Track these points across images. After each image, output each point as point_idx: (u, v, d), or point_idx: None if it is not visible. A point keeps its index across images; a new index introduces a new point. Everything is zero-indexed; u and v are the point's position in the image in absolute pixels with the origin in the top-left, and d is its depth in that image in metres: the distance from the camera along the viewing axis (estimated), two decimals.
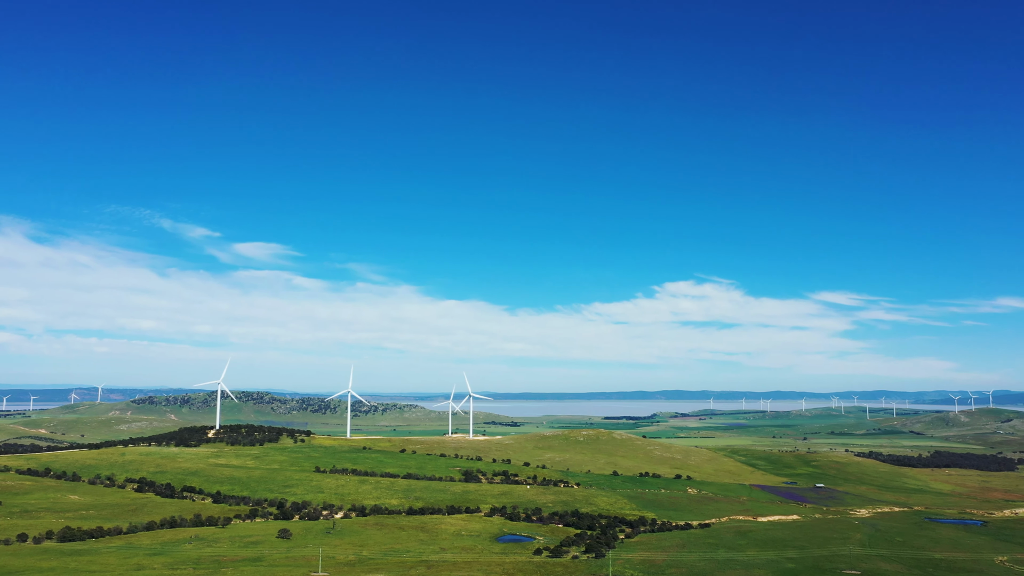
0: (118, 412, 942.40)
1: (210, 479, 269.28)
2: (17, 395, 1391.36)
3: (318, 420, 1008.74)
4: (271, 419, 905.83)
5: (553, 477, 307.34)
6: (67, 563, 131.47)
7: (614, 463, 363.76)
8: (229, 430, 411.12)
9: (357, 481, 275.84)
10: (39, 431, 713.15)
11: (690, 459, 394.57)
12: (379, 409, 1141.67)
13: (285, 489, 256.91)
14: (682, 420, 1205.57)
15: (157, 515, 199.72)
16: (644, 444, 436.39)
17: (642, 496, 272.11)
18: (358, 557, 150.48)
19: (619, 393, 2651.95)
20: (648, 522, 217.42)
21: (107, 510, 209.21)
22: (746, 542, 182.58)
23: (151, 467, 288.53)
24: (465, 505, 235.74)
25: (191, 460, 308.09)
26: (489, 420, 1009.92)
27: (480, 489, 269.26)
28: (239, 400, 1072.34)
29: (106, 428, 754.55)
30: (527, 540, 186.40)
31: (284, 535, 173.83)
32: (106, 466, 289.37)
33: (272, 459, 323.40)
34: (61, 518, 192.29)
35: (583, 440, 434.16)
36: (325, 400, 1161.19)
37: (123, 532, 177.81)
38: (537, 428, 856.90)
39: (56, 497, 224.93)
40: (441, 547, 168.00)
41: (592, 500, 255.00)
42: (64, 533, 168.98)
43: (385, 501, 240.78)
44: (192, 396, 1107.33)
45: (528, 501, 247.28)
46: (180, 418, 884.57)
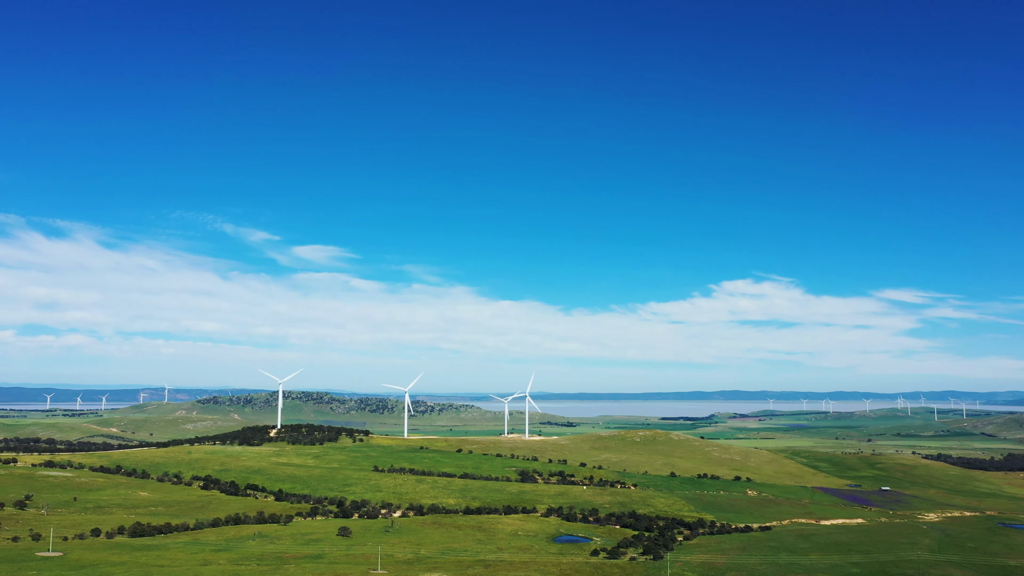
0: (184, 412, 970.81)
1: (272, 477, 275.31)
2: (89, 395, 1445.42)
3: (376, 420, 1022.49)
4: (330, 419, 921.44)
5: (610, 478, 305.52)
6: (137, 557, 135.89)
7: (671, 464, 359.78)
8: (290, 429, 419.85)
9: (415, 480, 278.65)
10: (111, 430, 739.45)
11: (749, 460, 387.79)
12: (435, 409, 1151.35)
13: (344, 488, 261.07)
14: (741, 421, 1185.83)
15: (222, 512, 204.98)
16: (702, 445, 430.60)
17: (700, 498, 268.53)
18: (416, 556, 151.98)
19: (676, 393, 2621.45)
20: (707, 524, 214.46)
21: (175, 507, 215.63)
22: (809, 546, 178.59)
23: (216, 465, 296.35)
24: (521, 505, 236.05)
25: (254, 459, 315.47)
26: (544, 420, 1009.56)
27: (536, 489, 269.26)
28: (299, 400, 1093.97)
29: (173, 427, 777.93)
30: (584, 541, 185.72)
31: (344, 533, 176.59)
32: (173, 464, 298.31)
33: (332, 458, 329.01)
34: (132, 514, 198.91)
35: (640, 441, 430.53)
36: (383, 400, 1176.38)
37: (190, 528, 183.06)
38: (593, 428, 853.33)
39: (127, 494, 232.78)
40: (498, 547, 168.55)
41: (649, 501, 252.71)
42: (135, 528, 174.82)
43: (442, 500, 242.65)
44: (254, 396, 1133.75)
45: (584, 502, 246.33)
46: (243, 417, 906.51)
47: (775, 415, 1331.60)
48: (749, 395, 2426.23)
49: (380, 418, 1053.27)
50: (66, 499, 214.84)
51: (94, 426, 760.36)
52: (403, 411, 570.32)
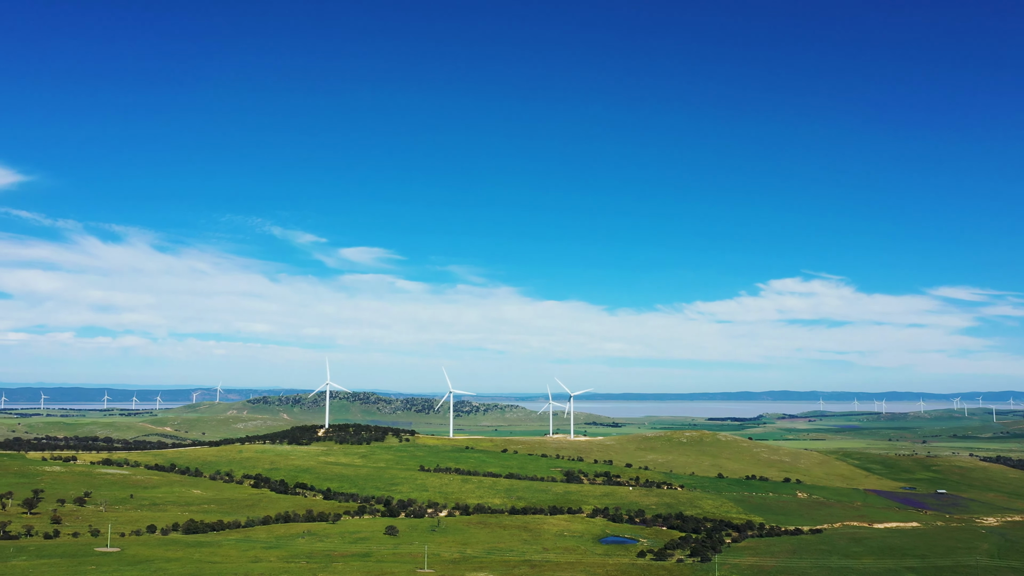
0: (235, 411, 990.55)
1: (320, 476, 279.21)
2: (144, 395, 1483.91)
3: (421, 420, 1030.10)
4: (377, 419, 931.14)
5: (656, 479, 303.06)
6: (191, 554, 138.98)
7: (719, 465, 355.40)
8: (338, 429, 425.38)
9: (460, 480, 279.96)
10: (165, 429, 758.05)
11: (799, 462, 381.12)
12: (481, 409, 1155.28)
13: (391, 487, 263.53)
14: (790, 422, 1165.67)
15: (272, 510, 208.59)
16: (750, 446, 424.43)
17: (749, 499, 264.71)
18: (462, 555, 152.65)
19: (723, 394, 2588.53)
20: (756, 526, 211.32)
21: (226, 504, 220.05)
22: (862, 549, 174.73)
23: (266, 464, 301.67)
24: (567, 506, 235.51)
25: (303, 458, 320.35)
26: (590, 421, 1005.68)
27: (582, 490, 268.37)
28: (347, 400, 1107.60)
29: (224, 426, 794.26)
30: (630, 542, 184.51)
31: (391, 532, 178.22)
32: (225, 463, 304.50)
33: (378, 457, 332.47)
34: (186, 511, 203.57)
35: (686, 441, 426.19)
36: (428, 400, 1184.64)
37: (241, 526, 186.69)
38: (639, 429, 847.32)
39: (181, 491, 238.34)
40: (544, 547, 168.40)
41: (697, 503, 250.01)
42: (188, 525, 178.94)
43: (488, 500, 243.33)
44: (303, 396, 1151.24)
45: (631, 503, 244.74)
46: (292, 417, 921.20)
47: (825, 416, 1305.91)
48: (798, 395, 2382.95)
49: (426, 418, 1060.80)
50: (123, 496, 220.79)
51: (149, 425, 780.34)
52: (448, 411, 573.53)
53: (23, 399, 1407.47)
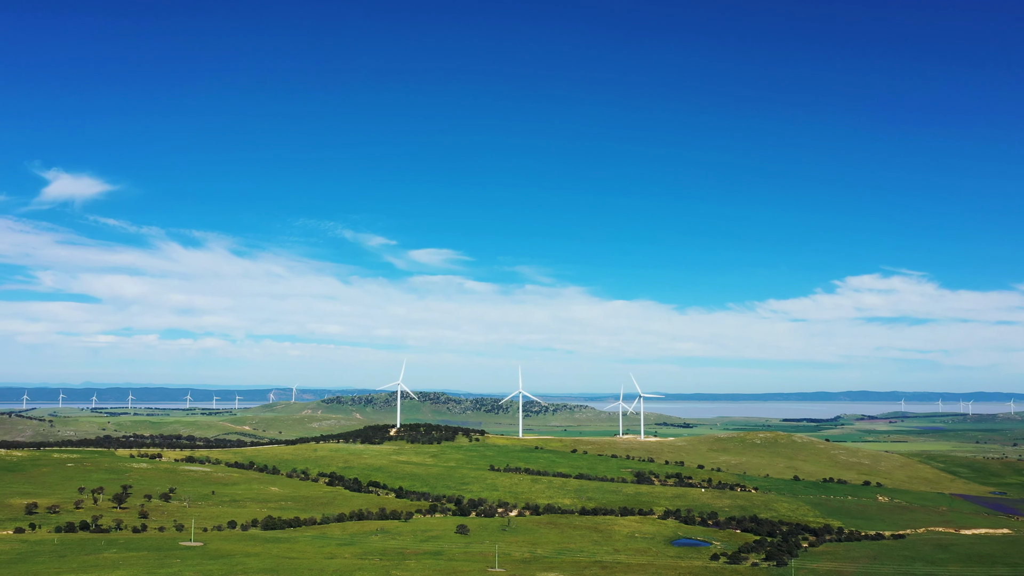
0: (310, 411, 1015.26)
1: (393, 475, 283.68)
2: (224, 395, 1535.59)
3: (491, 420, 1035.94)
4: (447, 418, 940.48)
5: (729, 480, 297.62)
6: (269, 549, 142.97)
7: (794, 467, 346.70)
8: (409, 428, 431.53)
9: (530, 480, 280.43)
10: (243, 428, 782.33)
11: (880, 465, 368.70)
12: (550, 409, 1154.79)
13: (462, 486, 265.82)
14: (869, 423, 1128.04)
15: (346, 508, 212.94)
16: (827, 448, 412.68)
17: (826, 503, 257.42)
18: (533, 555, 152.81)
19: (798, 394, 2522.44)
20: (834, 531, 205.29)
21: (302, 502, 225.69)
22: (948, 556, 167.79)
23: (340, 462, 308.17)
24: (638, 507, 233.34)
25: (375, 456, 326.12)
26: (660, 421, 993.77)
27: (653, 491, 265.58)
28: (417, 400, 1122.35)
29: (300, 426, 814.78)
30: (703, 545, 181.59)
31: (462, 531, 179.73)
32: (301, 461, 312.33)
33: (449, 457, 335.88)
34: (264, 508, 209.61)
35: (760, 443, 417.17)
36: (497, 400, 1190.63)
37: (316, 523, 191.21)
38: (710, 430, 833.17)
39: (259, 488, 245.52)
40: (614, 548, 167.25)
41: (771, 505, 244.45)
42: (267, 522, 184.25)
43: (558, 500, 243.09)
44: (375, 396, 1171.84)
45: (703, 504, 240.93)
46: (364, 417, 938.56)
47: (907, 417, 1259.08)
48: (878, 396, 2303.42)
49: (495, 418, 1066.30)
50: (205, 492, 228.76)
51: (228, 424, 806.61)
52: (518, 411, 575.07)
53: (112, 399, 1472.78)
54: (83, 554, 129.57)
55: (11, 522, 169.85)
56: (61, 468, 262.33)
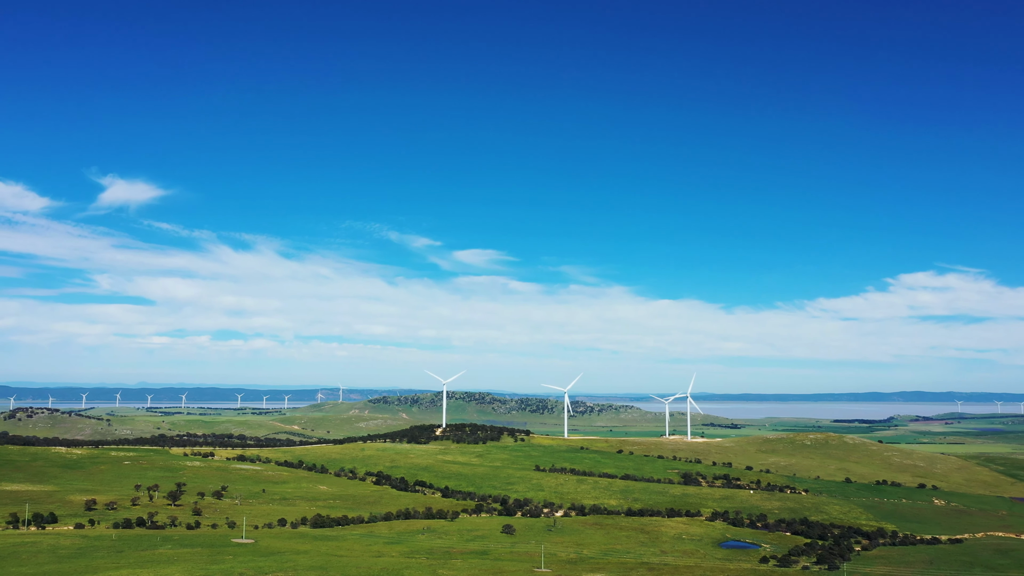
0: (357, 411, 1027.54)
1: (439, 474, 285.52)
2: (274, 395, 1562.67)
3: (536, 420, 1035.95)
4: (492, 418, 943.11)
5: (778, 482, 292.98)
6: (319, 547, 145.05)
7: (846, 469, 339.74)
8: (454, 428, 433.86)
9: (575, 480, 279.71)
10: (293, 427, 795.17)
11: (935, 467, 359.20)
12: (595, 410, 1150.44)
13: (507, 486, 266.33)
14: (924, 424, 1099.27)
15: (393, 507, 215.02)
16: (880, 449, 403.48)
17: (880, 506, 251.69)
18: (579, 556, 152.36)
19: (849, 394, 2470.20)
20: (887, 534, 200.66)
21: (350, 500, 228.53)
22: (1008, 562, 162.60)
23: (386, 462, 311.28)
24: (685, 508, 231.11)
25: (421, 456, 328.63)
26: (707, 422, 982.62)
27: (700, 492, 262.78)
28: (462, 400, 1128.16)
29: (347, 425, 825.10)
30: (752, 547, 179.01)
31: (508, 531, 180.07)
32: (348, 460, 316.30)
33: (494, 457, 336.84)
34: (313, 506, 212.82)
35: (810, 444, 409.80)
36: (542, 400, 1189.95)
37: (364, 521, 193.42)
38: (759, 431, 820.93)
39: (308, 487, 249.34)
40: (661, 550, 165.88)
41: (823, 508, 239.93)
42: (316, 520, 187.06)
43: (603, 501, 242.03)
44: (420, 396, 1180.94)
45: (752, 506, 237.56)
46: (410, 416, 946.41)
47: (964, 418, 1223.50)
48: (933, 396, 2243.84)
49: (540, 418, 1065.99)
50: (256, 490, 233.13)
51: (278, 423, 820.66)
52: (563, 411, 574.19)
53: (166, 398, 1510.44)
54: (140, 550, 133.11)
55: (71, 518, 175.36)
56: (118, 466, 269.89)
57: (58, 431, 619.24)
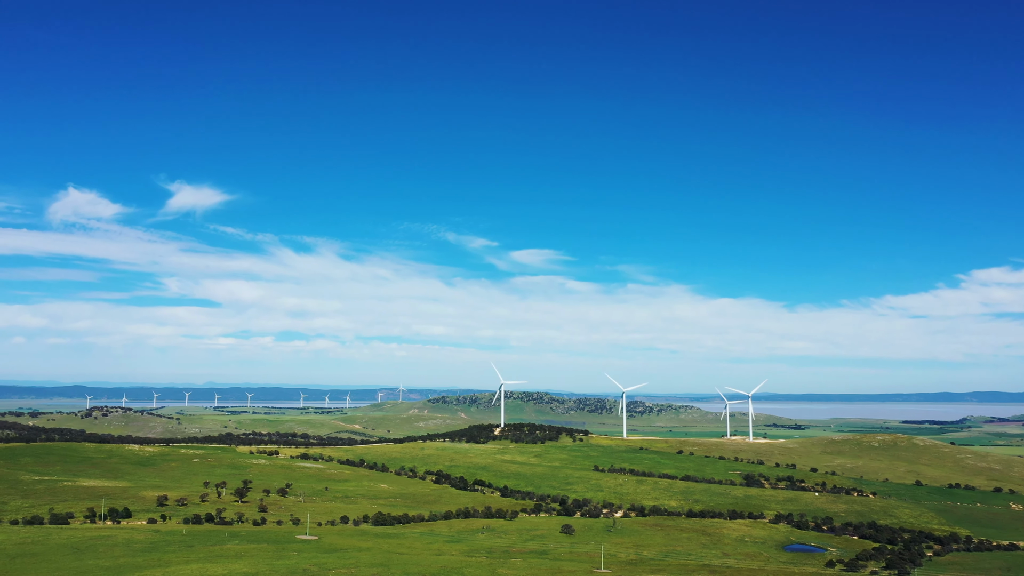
0: (416, 410, 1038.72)
1: (498, 474, 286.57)
2: (335, 394, 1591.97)
3: (594, 420, 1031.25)
4: (550, 418, 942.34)
5: (844, 485, 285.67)
6: (380, 544, 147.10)
7: (916, 472, 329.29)
8: (513, 428, 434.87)
9: (635, 481, 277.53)
10: (354, 426, 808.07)
11: (1012, 470, 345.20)
12: (654, 410, 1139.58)
13: (566, 486, 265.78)
14: (999, 426, 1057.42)
15: (452, 506, 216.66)
16: (953, 452, 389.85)
17: (952, 510, 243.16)
18: (639, 557, 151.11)
19: (918, 395, 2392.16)
20: (961, 539, 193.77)
21: (410, 499, 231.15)
22: None
23: (446, 461, 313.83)
24: (747, 510, 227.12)
25: (480, 456, 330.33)
26: (769, 423, 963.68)
27: (763, 494, 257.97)
28: (521, 400, 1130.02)
29: (407, 425, 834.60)
30: (817, 551, 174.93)
31: (567, 531, 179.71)
32: (408, 459, 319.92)
33: (553, 457, 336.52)
34: (374, 504, 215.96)
35: (878, 445, 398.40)
36: (601, 400, 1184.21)
37: (424, 520, 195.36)
38: (823, 432, 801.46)
39: (369, 485, 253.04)
40: (723, 552, 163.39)
41: (891, 512, 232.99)
42: (377, 518, 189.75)
43: (664, 502, 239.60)
44: (479, 396, 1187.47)
45: (817, 509, 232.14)
46: (469, 416, 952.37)
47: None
48: (1009, 397, 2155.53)
49: (598, 418, 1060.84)
50: (319, 488, 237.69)
51: (339, 423, 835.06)
52: (621, 411, 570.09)
53: (232, 398, 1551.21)
54: (209, 545, 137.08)
55: (144, 513, 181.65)
56: (188, 463, 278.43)
57: (131, 429, 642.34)
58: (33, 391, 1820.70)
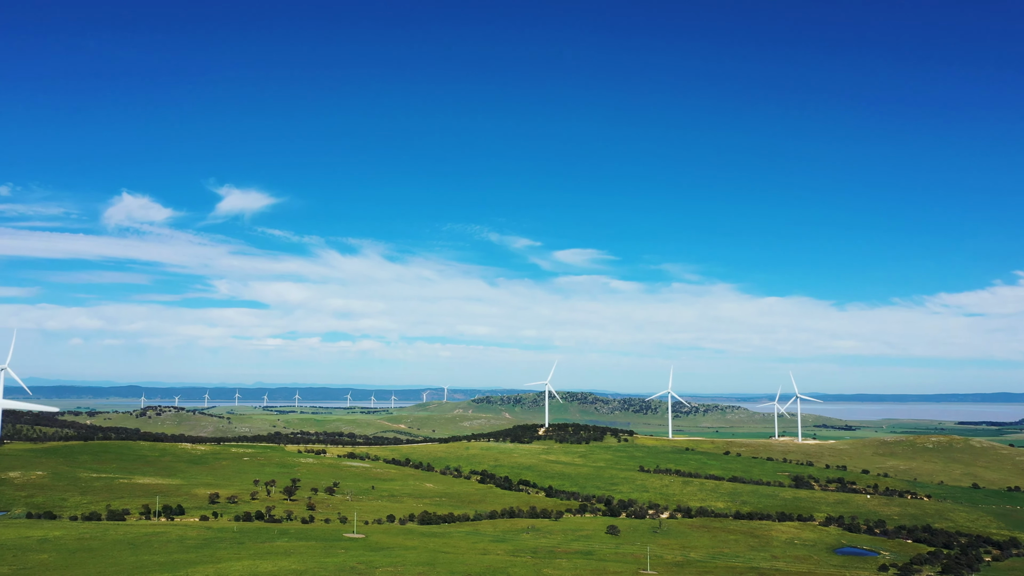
0: (461, 410, 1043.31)
1: (542, 474, 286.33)
2: (381, 394, 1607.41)
3: (639, 420, 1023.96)
4: (594, 418, 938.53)
5: (897, 487, 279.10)
6: (426, 543, 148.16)
7: (973, 474, 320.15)
8: (557, 428, 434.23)
9: (681, 482, 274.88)
10: (399, 426, 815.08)
11: None
12: (700, 410, 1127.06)
13: (611, 487, 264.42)
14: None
15: (497, 505, 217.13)
16: (1012, 454, 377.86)
17: (1012, 514, 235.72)
18: (685, 559, 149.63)
19: (974, 395, 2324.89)
20: (1022, 544, 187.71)
21: (455, 498, 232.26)
22: None
23: (490, 461, 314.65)
24: (796, 512, 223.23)
25: (524, 455, 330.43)
26: (819, 423, 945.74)
27: (812, 496, 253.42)
28: (564, 400, 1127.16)
29: (452, 424, 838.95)
30: (870, 555, 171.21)
31: (612, 531, 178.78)
32: (453, 459, 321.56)
33: (597, 457, 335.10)
34: (420, 503, 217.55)
35: (932, 447, 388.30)
36: (645, 400, 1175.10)
37: (469, 519, 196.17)
38: (875, 432, 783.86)
39: (415, 484, 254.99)
40: (772, 555, 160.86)
41: (947, 515, 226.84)
42: (423, 517, 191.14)
43: (710, 504, 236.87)
44: (523, 396, 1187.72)
45: (869, 512, 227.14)
46: (513, 416, 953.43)
47: None
48: None
49: (643, 418, 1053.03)
50: (365, 487, 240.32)
51: (385, 422, 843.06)
52: (666, 412, 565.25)
53: (281, 398, 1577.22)
54: (259, 542, 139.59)
55: (197, 510, 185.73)
56: (238, 461, 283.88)
57: (184, 428, 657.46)
58: (90, 391, 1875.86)
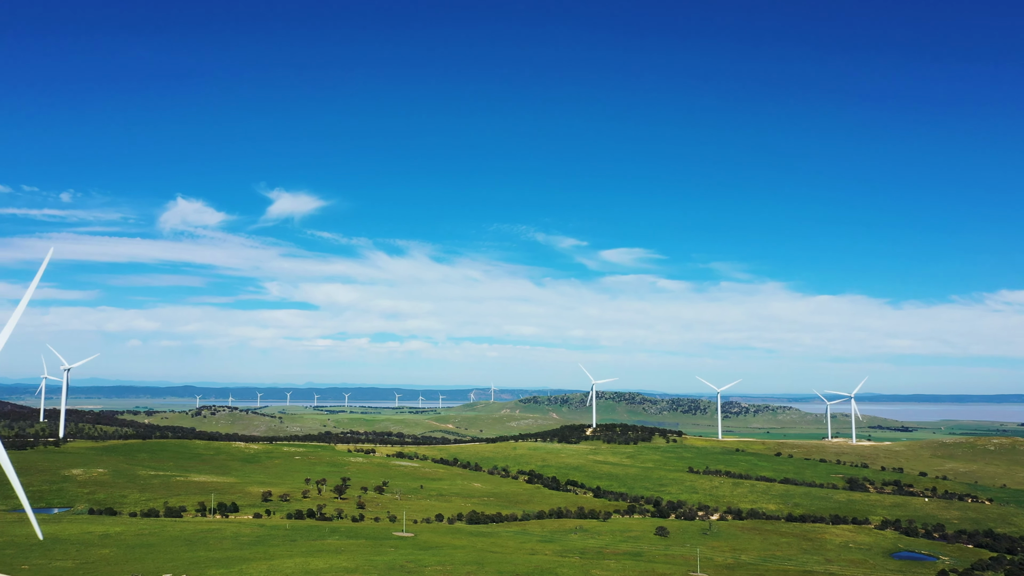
0: (508, 410, 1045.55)
1: (590, 474, 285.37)
2: (429, 394, 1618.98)
3: (688, 420, 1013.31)
4: (642, 419, 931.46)
5: (957, 490, 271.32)
6: (474, 542, 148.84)
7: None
8: (605, 428, 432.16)
9: (731, 483, 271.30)
10: (447, 426, 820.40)
11: None
12: (750, 410, 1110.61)
13: (660, 488, 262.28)
14: None
15: (545, 505, 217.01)
16: None
17: None
18: (736, 561, 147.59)
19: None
20: None
21: (503, 498, 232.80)
22: None
23: (538, 461, 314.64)
24: (851, 515, 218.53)
25: (572, 456, 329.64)
26: (873, 424, 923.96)
27: (867, 499, 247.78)
28: (612, 400, 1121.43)
29: (499, 424, 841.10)
30: (928, 559, 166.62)
31: (661, 533, 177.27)
32: (501, 459, 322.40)
33: (646, 458, 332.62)
34: (468, 502, 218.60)
35: (994, 449, 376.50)
36: (694, 401, 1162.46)
37: (517, 519, 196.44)
38: (933, 434, 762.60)
39: (463, 484, 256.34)
40: (826, 558, 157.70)
41: (1010, 519, 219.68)
42: (471, 516, 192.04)
43: (761, 506, 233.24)
44: (570, 396, 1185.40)
45: (927, 515, 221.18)
46: (560, 416, 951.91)
47: None
48: None
49: (692, 419, 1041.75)
50: (414, 486, 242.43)
51: (433, 422, 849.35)
52: (715, 412, 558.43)
53: (330, 398, 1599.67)
54: (310, 539, 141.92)
55: (251, 508, 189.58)
56: (290, 460, 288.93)
57: (237, 427, 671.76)
58: (148, 391, 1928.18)
